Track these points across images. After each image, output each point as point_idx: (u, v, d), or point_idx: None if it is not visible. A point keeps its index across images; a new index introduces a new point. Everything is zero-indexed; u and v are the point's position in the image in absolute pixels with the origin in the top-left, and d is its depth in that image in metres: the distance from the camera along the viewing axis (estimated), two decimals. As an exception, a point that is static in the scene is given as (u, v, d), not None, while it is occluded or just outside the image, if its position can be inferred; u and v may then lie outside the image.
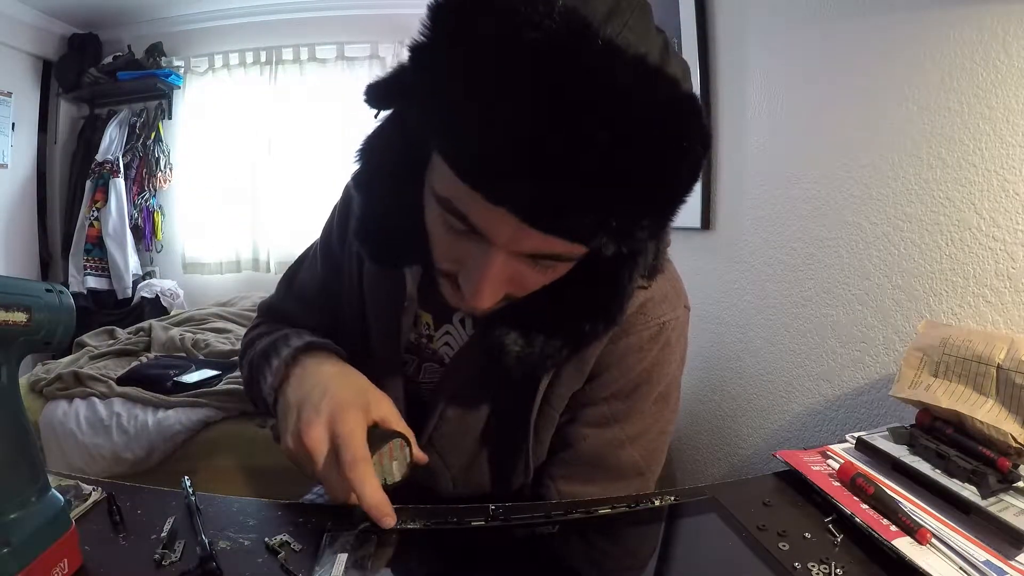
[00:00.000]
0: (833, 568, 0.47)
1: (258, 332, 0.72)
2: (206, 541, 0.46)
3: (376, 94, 0.46)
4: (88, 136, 3.39)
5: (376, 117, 0.50)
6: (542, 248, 0.42)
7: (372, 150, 0.51)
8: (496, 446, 0.65)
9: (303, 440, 0.50)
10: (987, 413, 0.59)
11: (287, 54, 3.39)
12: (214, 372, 1.84)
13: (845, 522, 0.53)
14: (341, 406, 0.51)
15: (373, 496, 0.48)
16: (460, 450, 0.64)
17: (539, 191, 0.36)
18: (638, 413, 0.61)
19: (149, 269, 3.48)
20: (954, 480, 0.56)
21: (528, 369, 0.53)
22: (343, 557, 0.46)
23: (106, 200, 3.23)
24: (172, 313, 2.84)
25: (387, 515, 0.49)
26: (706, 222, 1.37)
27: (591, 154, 0.35)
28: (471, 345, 0.61)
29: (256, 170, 3.42)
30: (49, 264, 3.48)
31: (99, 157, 3.27)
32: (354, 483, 0.48)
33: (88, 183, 3.27)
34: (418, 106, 0.41)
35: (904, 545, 0.48)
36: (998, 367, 0.60)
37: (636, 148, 0.36)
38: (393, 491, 0.52)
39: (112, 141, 3.30)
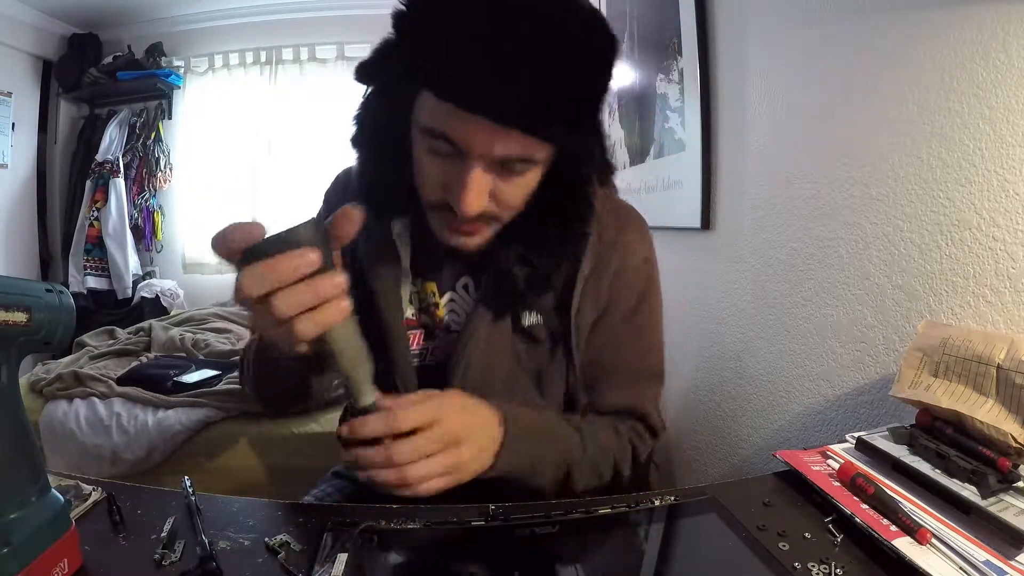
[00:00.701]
0: (833, 568, 0.47)
1: None
2: (206, 541, 0.46)
3: (365, 69, 0.58)
4: (88, 136, 3.39)
5: (365, 95, 0.61)
6: (509, 151, 0.52)
7: (364, 116, 0.61)
8: (522, 384, 0.69)
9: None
10: (987, 413, 0.59)
11: (287, 54, 3.40)
12: (214, 372, 1.84)
13: (845, 522, 0.53)
14: None
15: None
16: (487, 395, 0.64)
17: (500, 93, 0.48)
18: (649, 323, 0.73)
19: (149, 269, 3.48)
20: (954, 480, 0.55)
21: (538, 286, 0.64)
22: (343, 557, 0.46)
23: (106, 200, 3.24)
24: (172, 313, 2.84)
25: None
26: (706, 222, 1.37)
27: (535, 59, 0.47)
28: (487, 289, 0.67)
29: (256, 170, 3.42)
30: (49, 264, 3.48)
31: (99, 157, 3.27)
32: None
33: (88, 183, 3.28)
34: (404, 55, 0.53)
35: (904, 545, 0.48)
36: (998, 367, 0.60)
37: (568, 50, 0.48)
38: None
39: (112, 141, 3.31)
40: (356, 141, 0.62)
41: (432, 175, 0.56)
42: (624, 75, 1.86)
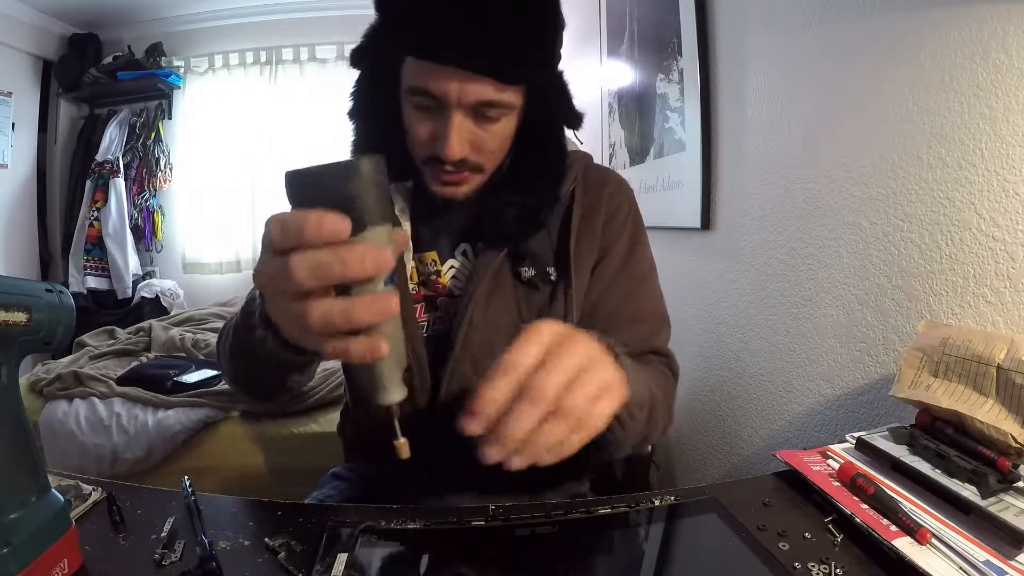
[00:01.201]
0: (833, 568, 0.47)
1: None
2: (206, 541, 0.46)
3: (357, 54, 0.66)
4: (88, 136, 3.39)
5: (357, 79, 0.68)
6: (482, 95, 0.58)
7: (358, 91, 0.68)
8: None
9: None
10: (987, 413, 0.59)
11: (287, 54, 3.40)
12: (214, 372, 1.84)
13: (845, 522, 0.53)
14: None
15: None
16: (493, 352, 0.63)
17: (467, 44, 0.55)
18: (644, 267, 0.76)
19: (149, 269, 3.48)
20: (954, 480, 0.55)
21: (528, 224, 0.68)
22: (343, 557, 0.46)
23: (106, 200, 3.24)
24: (172, 313, 2.84)
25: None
26: (706, 222, 1.37)
27: (494, 11, 0.55)
28: (484, 241, 0.70)
29: (256, 170, 3.42)
30: (49, 264, 3.48)
31: (99, 157, 3.27)
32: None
33: (88, 183, 3.27)
34: (387, 30, 0.62)
35: (904, 545, 0.48)
36: (998, 367, 0.60)
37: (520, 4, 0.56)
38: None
39: (112, 141, 3.31)
40: (352, 113, 0.69)
41: (420, 131, 0.62)
42: (624, 75, 1.86)
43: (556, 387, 0.38)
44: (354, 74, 0.68)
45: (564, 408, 0.38)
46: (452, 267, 0.73)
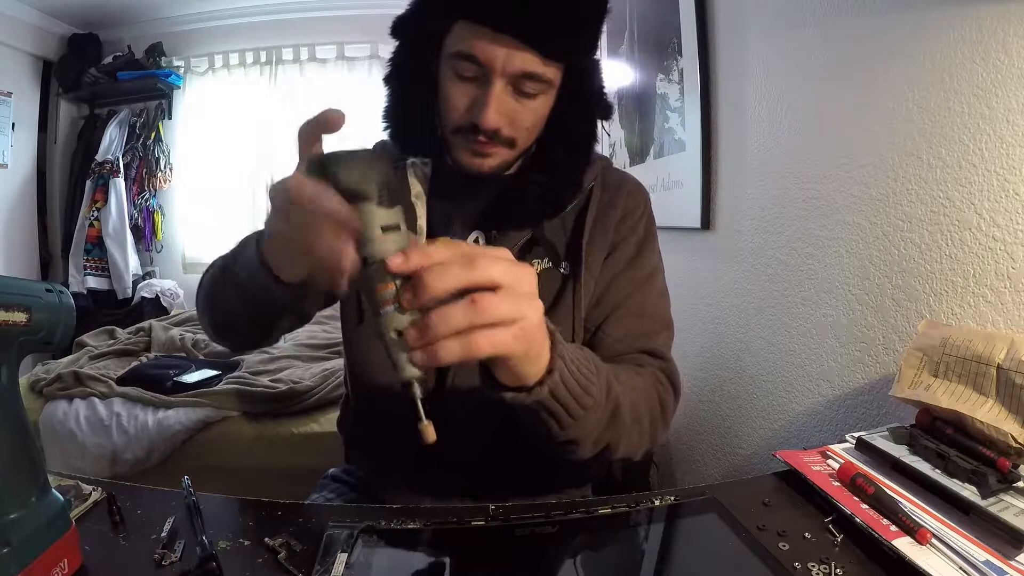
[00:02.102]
0: (833, 568, 0.47)
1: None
2: (206, 541, 0.46)
3: (399, 23, 0.68)
4: (88, 136, 3.39)
5: (392, 52, 0.70)
6: (526, 67, 0.60)
7: (397, 58, 0.70)
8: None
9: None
10: (987, 413, 0.59)
11: (287, 54, 3.39)
12: (214, 372, 1.84)
13: (845, 522, 0.53)
14: None
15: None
16: None
17: (523, 12, 0.57)
18: (651, 268, 0.76)
19: (149, 269, 3.48)
20: (954, 480, 0.56)
21: (553, 201, 0.69)
22: (343, 557, 0.46)
23: (106, 200, 3.24)
24: (172, 313, 2.84)
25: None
26: (706, 222, 1.37)
27: None
28: (501, 240, 0.70)
29: (256, 170, 3.42)
30: (49, 264, 3.48)
31: (99, 157, 3.27)
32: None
33: (88, 183, 3.27)
34: None
35: (904, 545, 0.48)
36: (998, 367, 0.60)
37: None
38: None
39: (112, 141, 3.31)
40: (388, 78, 0.71)
41: (458, 98, 0.63)
42: (624, 75, 1.86)
43: (470, 275, 0.38)
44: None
45: (477, 301, 0.38)
46: None
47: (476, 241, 0.73)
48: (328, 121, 0.41)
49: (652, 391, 0.65)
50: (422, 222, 0.71)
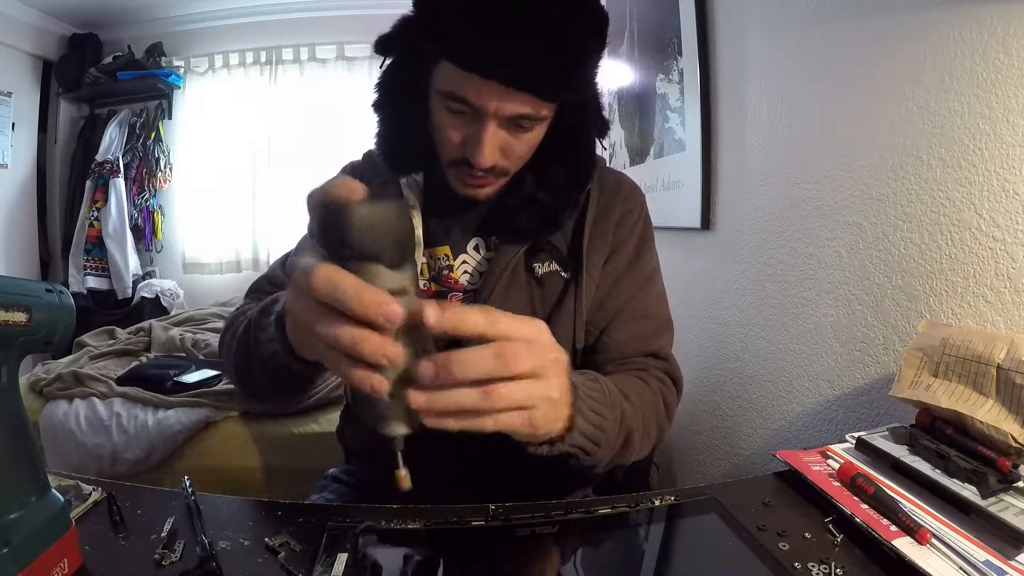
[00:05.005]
0: (833, 568, 0.47)
1: (246, 306, 0.69)
2: (206, 541, 0.46)
3: (386, 42, 0.65)
4: (88, 136, 3.39)
5: (381, 67, 0.68)
6: (520, 110, 0.58)
7: (385, 83, 0.68)
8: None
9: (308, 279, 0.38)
10: (987, 413, 0.59)
11: (287, 54, 3.40)
12: (214, 372, 1.84)
13: (845, 522, 0.53)
14: None
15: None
16: None
17: (514, 60, 0.54)
18: (650, 269, 0.76)
19: (149, 269, 3.48)
20: (954, 480, 0.56)
21: (549, 223, 0.69)
22: (343, 557, 0.46)
23: (106, 200, 3.24)
24: (172, 313, 2.84)
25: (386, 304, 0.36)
26: (706, 222, 1.37)
27: (542, 30, 0.54)
28: (504, 247, 0.70)
29: (256, 170, 3.42)
30: (49, 264, 3.48)
31: (99, 157, 3.27)
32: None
33: (88, 183, 3.27)
34: (425, 30, 0.59)
35: (904, 545, 0.48)
36: (998, 367, 0.60)
37: (568, 21, 0.55)
38: None
39: (112, 141, 3.31)
40: (377, 105, 0.69)
41: (451, 134, 0.62)
42: (624, 75, 1.86)
43: (494, 365, 0.38)
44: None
45: (491, 392, 0.38)
46: (465, 262, 0.73)
47: (476, 248, 0.73)
48: (335, 199, 0.37)
49: (659, 399, 0.67)
50: (419, 232, 0.71)
